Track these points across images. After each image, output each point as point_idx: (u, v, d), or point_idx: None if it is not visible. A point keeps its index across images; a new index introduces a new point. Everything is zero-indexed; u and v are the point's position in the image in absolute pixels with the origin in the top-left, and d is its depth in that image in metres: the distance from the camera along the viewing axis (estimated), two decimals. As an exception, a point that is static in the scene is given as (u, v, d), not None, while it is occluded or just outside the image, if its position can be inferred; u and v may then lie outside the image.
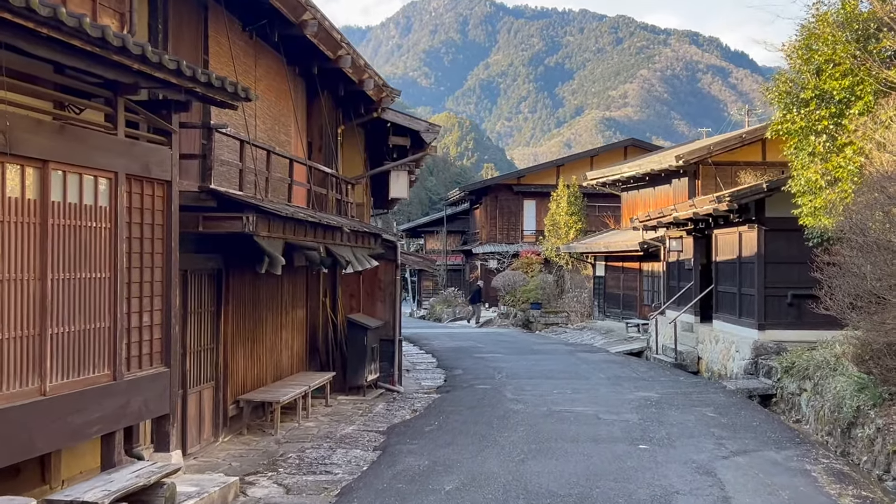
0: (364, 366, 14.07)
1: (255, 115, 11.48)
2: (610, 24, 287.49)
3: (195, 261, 9.72)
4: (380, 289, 15.07)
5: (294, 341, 13.37)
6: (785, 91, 14.25)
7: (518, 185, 42.84)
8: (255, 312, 11.64)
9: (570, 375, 17.72)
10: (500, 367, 19.42)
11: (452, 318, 40.99)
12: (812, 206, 13.86)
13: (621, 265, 29.76)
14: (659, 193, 28.22)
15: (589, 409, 13.27)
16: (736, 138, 25.61)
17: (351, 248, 12.71)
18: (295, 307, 13.40)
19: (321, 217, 10.82)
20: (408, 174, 15.78)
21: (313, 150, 13.88)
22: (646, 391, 15.27)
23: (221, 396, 10.52)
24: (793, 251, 16.97)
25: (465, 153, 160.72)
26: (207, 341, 10.24)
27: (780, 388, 14.88)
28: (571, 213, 34.87)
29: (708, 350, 19.01)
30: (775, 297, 17.02)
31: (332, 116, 14.31)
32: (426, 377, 18.33)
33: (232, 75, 10.72)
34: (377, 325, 14.58)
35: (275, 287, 12.38)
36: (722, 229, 19.10)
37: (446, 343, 26.62)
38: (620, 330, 27.32)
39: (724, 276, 19.12)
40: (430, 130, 14.81)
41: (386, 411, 13.09)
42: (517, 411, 13.01)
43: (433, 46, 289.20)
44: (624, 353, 23.00)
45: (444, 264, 50.29)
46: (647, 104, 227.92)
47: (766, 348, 16.40)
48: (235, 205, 8.74)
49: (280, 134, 12.48)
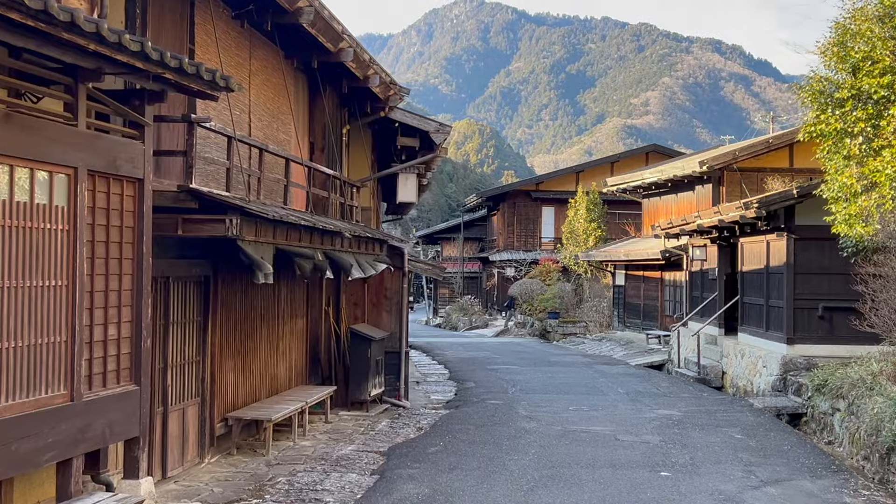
0: (367, 379, 13.27)
1: (250, 111, 10.73)
2: (632, 31, 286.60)
3: (178, 267, 8.97)
4: (386, 297, 14.27)
5: (293, 353, 12.59)
6: (819, 91, 13.40)
7: (536, 191, 41.97)
8: (248, 322, 10.87)
9: (588, 390, 16.85)
10: (514, 379, 18.58)
11: (469, 326, 40.16)
12: (846, 213, 12.96)
13: (642, 274, 28.83)
14: (681, 200, 27.30)
15: (607, 428, 12.41)
16: (762, 143, 24.70)
17: (353, 254, 11.94)
18: (294, 317, 12.63)
19: (318, 221, 10.04)
20: (417, 177, 14.96)
21: (315, 150, 13.12)
22: (667, 409, 14.38)
23: (208, 414, 9.75)
24: (824, 261, 16.09)
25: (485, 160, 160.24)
26: (192, 354, 9.47)
27: (811, 407, 13.97)
28: (591, 220, 33.98)
29: (733, 364, 18.09)
30: (805, 309, 16.11)
31: (336, 115, 13.54)
32: (436, 390, 17.52)
33: (225, 68, 9.98)
34: (382, 337, 13.78)
35: (271, 295, 11.62)
36: (748, 238, 18.19)
37: (460, 353, 25.80)
38: (641, 341, 26.40)
39: (751, 286, 18.20)
40: (441, 131, 14.00)
41: (389, 429, 12.28)
42: (529, 430, 12.16)
43: (454, 53, 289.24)
44: (644, 366, 22.09)
45: (461, 272, 49.48)
46: (668, 112, 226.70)
47: (796, 364, 15.49)
48: (218, 206, 7.98)
49: (278, 133, 11.72)
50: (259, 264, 8.20)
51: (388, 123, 14.75)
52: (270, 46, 11.22)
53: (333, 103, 13.36)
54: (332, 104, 13.31)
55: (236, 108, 10.37)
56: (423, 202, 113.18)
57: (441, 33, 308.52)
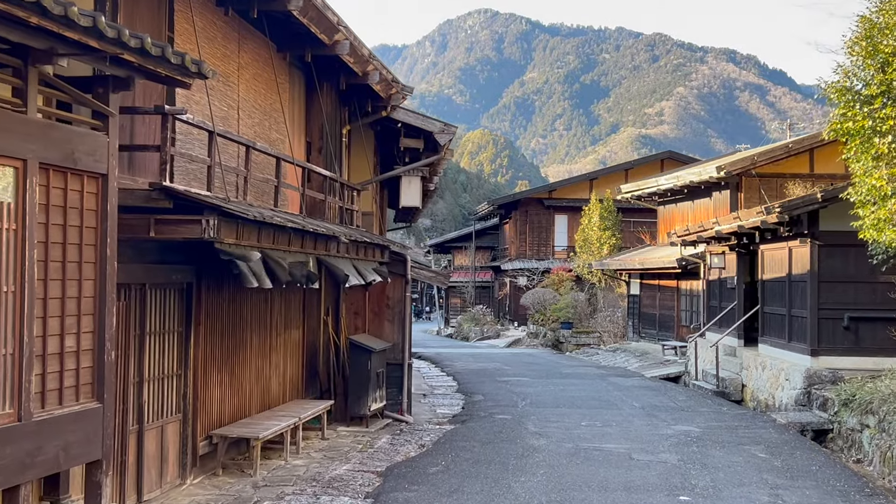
0: (367, 393, 12.55)
1: (239, 106, 10.06)
2: (646, 41, 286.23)
3: (156, 273, 8.29)
4: (388, 307, 13.56)
5: (287, 365, 11.89)
6: (845, 87, 12.66)
7: (549, 199, 41.19)
8: (237, 333, 10.18)
9: (601, 404, 16.07)
10: (524, 392, 17.83)
11: (480, 336, 39.39)
12: (875, 218, 12.21)
13: (657, 283, 28.02)
14: (698, 207, 26.51)
15: (621, 446, 11.64)
16: (781, 148, 23.94)
17: (351, 260, 11.24)
18: (289, 327, 11.94)
19: (309, 223, 9.34)
20: (421, 180, 14.25)
21: (312, 151, 12.44)
22: (685, 424, 13.60)
23: (190, 431, 9.05)
24: (850, 269, 15.33)
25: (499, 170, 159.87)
26: (173, 367, 8.78)
27: (838, 422, 13.17)
28: (604, 228, 33.19)
29: (753, 377, 17.27)
30: (830, 319, 15.33)
31: (334, 115, 12.87)
32: (442, 403, 16.79)
33: (209, 59, 9.32)
34: (383, 348, 13.06)
35: (263, 304, 10.93)
36: (769, 245, 17.40)
37: (470, 364, 25.05)
38: (656, 352, 25.57)
39: (772, 295, 17.41)
40: (445, 131, 13.29)
41: (389, 446, 11.55)
42: (538, 448, 11.40)
43: (468, 64, 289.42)
44: (660, 378, 21.29)
45: (473, 281, 48.73)
46: (683, 122, 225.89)
47: (820, 376, 14.69)
48: (195, 206, 7.29)
49: (271, 131, 11.05)
50: (241, 273, 7.51)
51: (391, 124, 14.06)
52: (261, 38, 10.55)
53: (332, 102, 12.69)
54: (331, 102, 12.64)
55: (223, 104, 9.70)
56: (437, 212, 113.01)
57: (455, 44, 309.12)
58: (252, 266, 7.73)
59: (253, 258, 7.84)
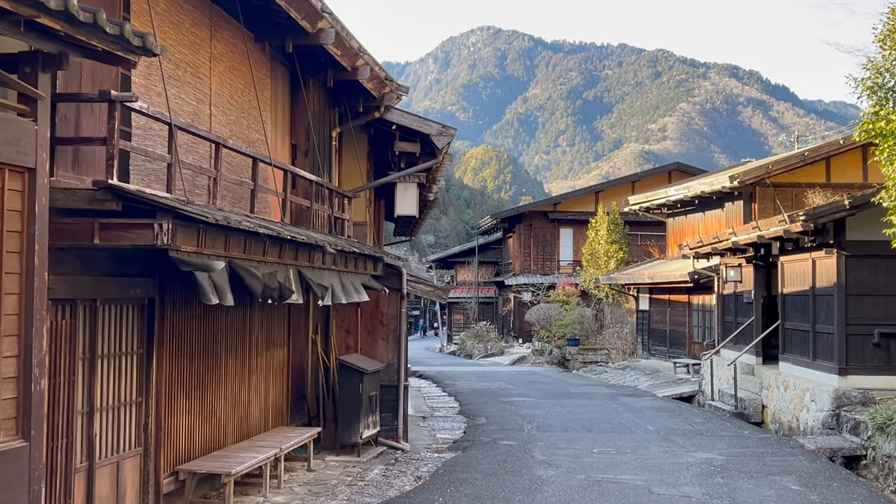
0: (359, 419, 11.46)
1: (211, 101, 9.03)
2: (649, 57, 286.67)
3: (110, 287, 7.25)
4: (382, 324, 12.50)
5: (270, 389, 10.81)
6: (877, 83, 11.66)
7: (554, 212, 40.09)
8: (210, 354, 9.11)
9: (613, 427, 14.96)
10: (530, 414, 16.73)
11: (484, 354, 38.25)
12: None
13: (668, 298, 26.90)
14: (709, 219, 25.45)
15: (638, 477, 10.53)
16: (797, 157, 22.87)
17: (339, 273, 10.18)
18: (272, 346, 10.86)
19: (288, 231, 8.29)
20: (418, 187, 13.20)
21: (298, 154, 11.41)
22: (706, 451, 12.49)
23: (152, 467, 7.97)
24: (880, 281, 14.26)
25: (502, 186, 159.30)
26: (131, 394, 7.72)
27: (872, 448, 12.07)
28: (612, 242, 32.11)
29: (775, 398, 16.15)
30: (859, 335, 14.24)
31: (323, 115, 11.84)
32: (443, 427, 15.69)
33: (175, 47, 8.30)
34: (376, 369, 11.98)
35: (241, 321, 9.86)
36: (790, 256, 16.32)
37: (473, 384, 23.93)
38: (667, 370, 24.44)
39: (794, 310, 16.31)
40: (444, 134, 12.25)
41: (382, 478, 10.44)
42: (547, 480, 10.29)
43: (471, 81, 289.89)
44: (673, 398, 20.16)
45: (476, 297, 47.62)
46: (686, 137, 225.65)
47: (850, 398, 13.59)
48: (147, 208, 6.25)
49: (250, 130, 10.01)
50: (200, 286, 6.45)
51: (385, 126, 13.03)
52: (236, 26, 9.53)
53: (319, 101, 11.67)
54: (318, 102, 11.61)
55: (192, 97, 8.68)
56: (441, 228, 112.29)
57: (458, 61, 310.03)
58: (214, 278, 6.67)
59: (216, 268, 6.78)
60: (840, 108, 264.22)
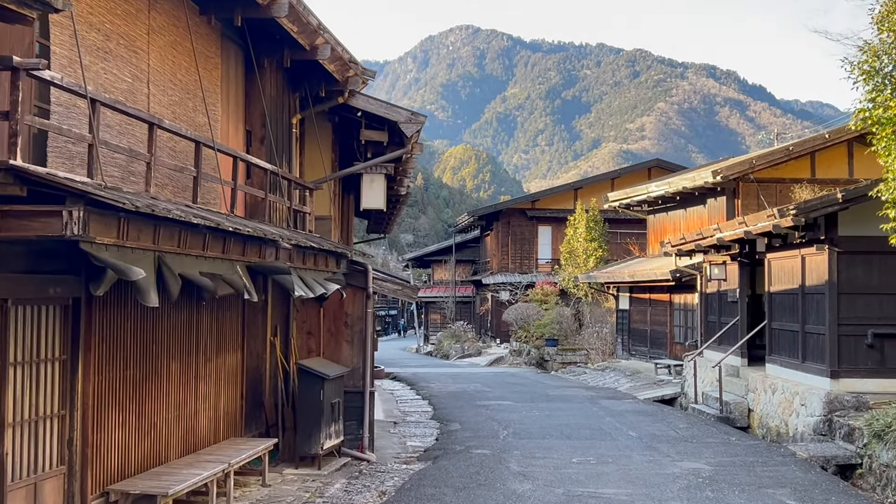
0: (320, 428, 10.58)
1: (149, 79, 8.13)
2: (627, 57, 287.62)
3: (24, 285, 6.35)
4: (346, 325, 11.62)
5: (221, 397, 9.90)
6: (874, 67, 10.92)
7: (532, 209, 39.30)
8: (148, 360, 8.20)
9: (594, 433, 14.17)
10: (506, 419, 15.92)
11: (461, 354, 37.44)
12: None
13: (648, 297, 26.17)
14: (691, 216, 24.75)
15: (622, 491, 9.72)
16: (782, 151, 22.23)
17: (296, 270, 9.31)
18: (224, 350, 9.96)
19: (235, 223, 7.41)
20: (385, 178, 12.33)
21: (253, 141, 10.51)
22: (693, 460, 11.71)
23: (78, 488, 7.07)
24: (874, 279, 13.56)
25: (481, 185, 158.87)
26: (52, 406, 6.82)
27: (868, 456, 11.35)
28: (591, 240, 31.35)
29: (762, 401, 15.41)
30: (852, 336, 13.53)
31: (281, 100, 10.96)
32: (414, 433, 14.87)
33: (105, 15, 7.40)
34: (339, 374, 11.10)
35: (187, 323, 8.96)
36: (778, 253, 15.59)
37: (448, 386, 23.12)
38: (648, 371, 23.72)
39: (781, 309, 15.57)
40: (412, 121, 11.39)
41: (343, 494, 9.57)
42: (522, 496, 9.46)
43: (450, 80, 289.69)
44: (654, 401, 19.42)
45: (453, 296, 46.79)
46: (664, 137, 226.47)
47: (842, 402, 12.87)
48: (56, 193, 5.36)
49: (196, 113, 9.10)
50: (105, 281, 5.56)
51: (351, 114, 12.15)
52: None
53: (277, 84, 10.78)
54: (275, 85, 10.72)
55: (126, 73, 7.77)
56: (420, 227, 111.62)
57: (437, 60, 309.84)
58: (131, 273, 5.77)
59: (135, 265, 5.89)
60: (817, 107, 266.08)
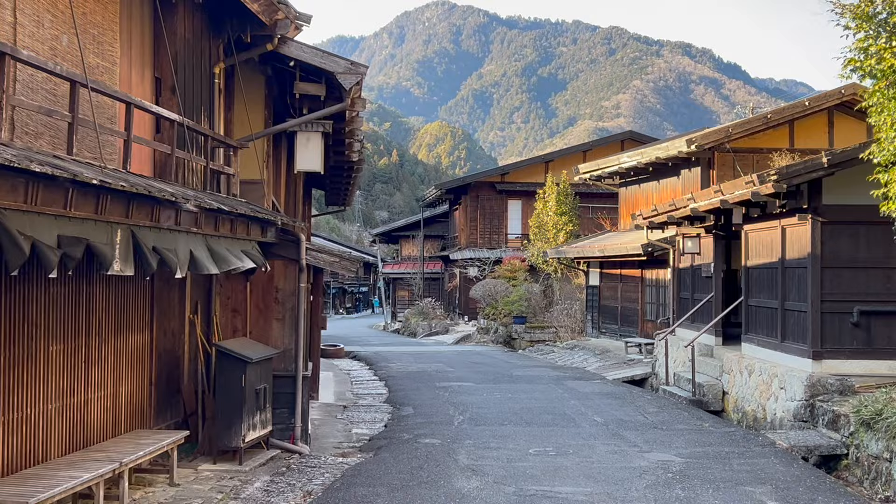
0: (241, 418, 9.33)
1: (16, 6, 6.76)
2: (603, 35, 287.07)
3: None
4: (277, 301, 10.35)
5: (123, 384, 8.60)
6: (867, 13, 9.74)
7: (502, 182, 38.06)
8: (17, 342, 6.88)
9: (556, 419, 13.02)
10: (464, 402, 14.76)
11: (427, 332, 36.27)
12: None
13: (619, 273, 25.08)
14: (664, 188, 23.64)
15: (580, 490, 8.54)
16: (759, 119, 21.17)
17: (204, 237, 8.02)
18: (126, 330, 8.65)
19: (113, 177, 6.09)
20: (322, 136, 11.02)
21: (164, 89, 9.16)
22: (662, 450, 10.57)
23: (-89, 498, 5.79)
24: (861, 252, 12.48)
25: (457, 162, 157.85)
26: None
27: (855, 446, 10.30)
28: (561, 213, 30.17)
29: (737, 383, 14.33)
30: (836, 314, 12.47)
31: (199, 45, 9.61)
32: (363, 419, 13.68)
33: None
34: (266, 356, 9.83)
35: (72, 298, 7.64)
36: (756, 224, 14.47)
37: (409, 366, 21.95)
38: (618, 350, 22.64)
39: (759, 285, 14.48)
40: (352, 71, 10.07)
41: (261, 494, 8.32)
42: (467, 496, 8.26)
43: (426, 56, 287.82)
44: (623, 382, 18.34)
45: (421, 272, 45.57)
46: (639, 114, 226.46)
47: (825, 385, 11.80)
48: None
49: (87, 54, 7.74)
50: None
51: (285, 65, 10.81)
52: None
53: (193, 26, 9.43)
54: (192, 27, 9.37)
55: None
56: (394, 204, 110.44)
57: (413, 36, 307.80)
58: None
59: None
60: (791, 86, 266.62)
